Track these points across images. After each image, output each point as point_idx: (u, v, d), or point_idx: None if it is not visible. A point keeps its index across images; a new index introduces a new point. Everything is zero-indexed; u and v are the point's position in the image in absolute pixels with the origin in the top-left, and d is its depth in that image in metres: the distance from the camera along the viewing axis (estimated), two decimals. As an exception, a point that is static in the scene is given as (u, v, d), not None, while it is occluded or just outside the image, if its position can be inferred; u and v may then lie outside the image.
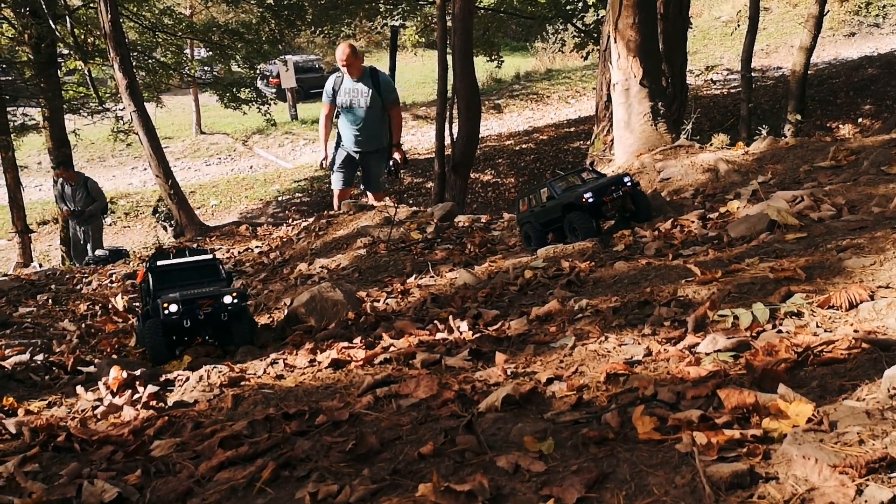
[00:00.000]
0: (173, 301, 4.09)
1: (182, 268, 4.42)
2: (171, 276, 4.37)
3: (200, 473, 2.42)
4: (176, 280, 4.35)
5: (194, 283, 4.35)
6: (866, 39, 27.61)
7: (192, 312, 4.13)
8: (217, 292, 4.20)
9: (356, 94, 8.28)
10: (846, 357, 2.37)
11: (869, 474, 1.65)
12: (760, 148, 6.86)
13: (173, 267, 4.41)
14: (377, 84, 8.36)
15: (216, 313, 4.15)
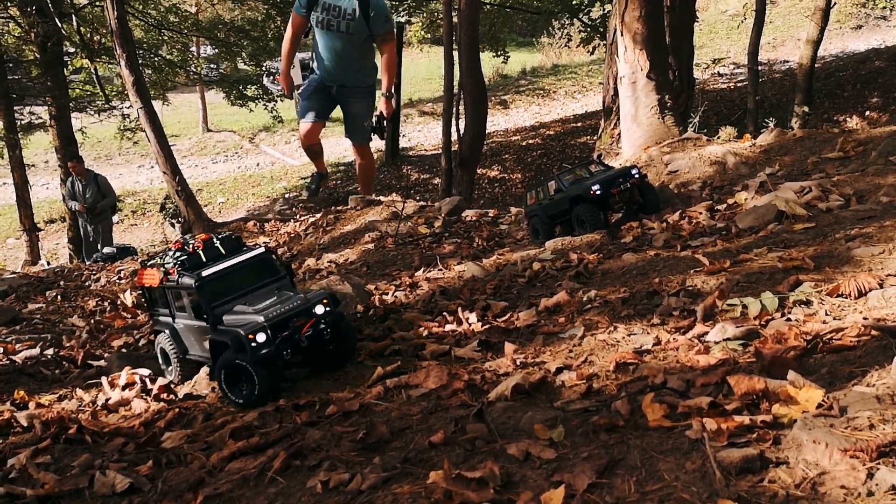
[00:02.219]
0: (259, 329, 3.08)
1: (234, 271, 3.38)
2: (222, 285, 3.32)
3: (212, 464, 2.44)
4: (226, 288, 3.32)
5: (251, 288, 3.37)
6: (873, 32, 27.46)
7: (292, 339, 3.14)
8: (306, 303, 3.23)
9: (337, 13, 6.53)
10: (855, 344, 2.37)
11: (880, 458, 1.65)
12: (768, 140, 6.83)
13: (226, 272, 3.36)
14: (366, 6, 6.52)
15: (320, 333, 3.21)
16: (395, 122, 21.70)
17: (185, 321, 3.47)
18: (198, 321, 3.34)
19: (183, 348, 3.56)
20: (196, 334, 3.41)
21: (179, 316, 3.51)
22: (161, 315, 3.69)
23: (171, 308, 3.54)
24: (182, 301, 3.45)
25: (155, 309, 3.74)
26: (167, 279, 3.44)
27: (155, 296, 3.68)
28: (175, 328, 3.56)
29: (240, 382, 3.10)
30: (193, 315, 3.37)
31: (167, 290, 3.50)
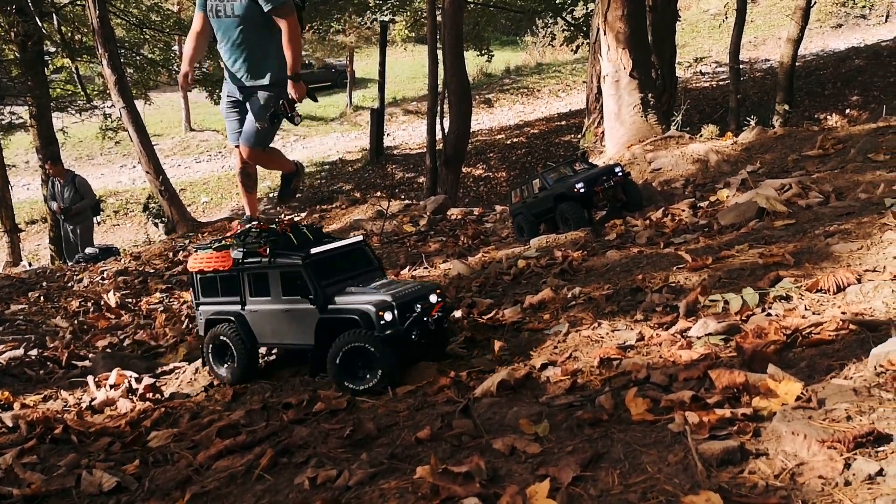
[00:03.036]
0: (387, 307, 2.96)
1: (334, 255, 3.27)
2: (325, 267, 3.18)
3: (199, 462, 2.45)
4: (328, 270, 3.18)
5: (349, 274, 3.25)
6: (853, 31, 27.73)
7: (422, 321, 3.04)
8: (423, 289, 3.14)
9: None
10: (834, 338, 2.41)
11: (856, 448, 1.68)
12: (749, 138, 6.91)
13: (329, 255, 3.23)
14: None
15: (439, 319, 3.12)
16: (380, 121, 21.70)
17: (268, 305, 3.20)
18: (290, 304, 3.12)
19: (253, 338, 3.27)
20: (284, 319, 3.16)
21: (256, 301, 3.24)
22: (220, 304, 3.36)
23: (243, 293, 3.27)
24: (266, 283, 3.20)
25: (207, 298, 3.42)
26: (245, 261, 3.22)
27: (210, 283, 3.39)
28: (244, 316, 3.27)
29: (357, 368, 2.93)
30: (284, 297, 3.14)
31: (242, 274, 3.26)
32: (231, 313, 3.33)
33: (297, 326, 3.12)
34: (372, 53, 30.88)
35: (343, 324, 2.97)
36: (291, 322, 3.14)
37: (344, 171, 21.67)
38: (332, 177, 21.10)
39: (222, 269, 3.32)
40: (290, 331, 3.16)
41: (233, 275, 3.30)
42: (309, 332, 3.07)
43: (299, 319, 3.10)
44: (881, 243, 3.27)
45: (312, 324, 3.06)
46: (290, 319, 3.13)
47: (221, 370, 3.36)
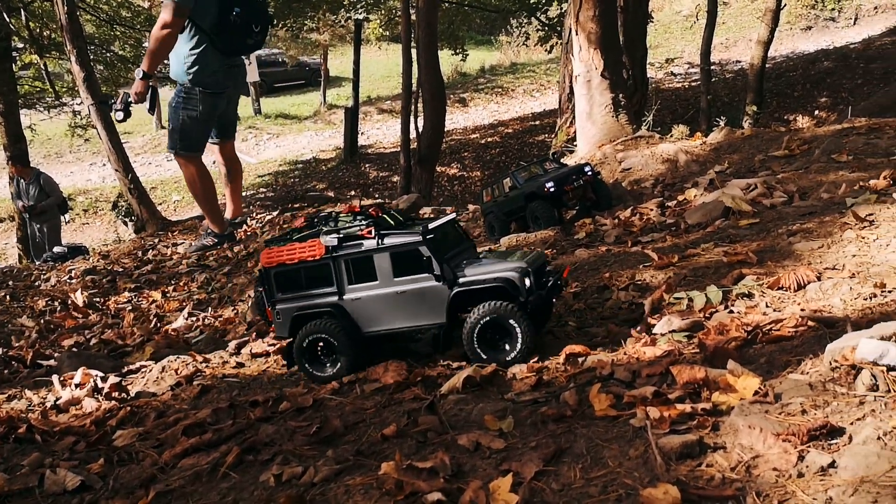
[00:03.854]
0: (526, 274, 2.89)
1: (444, 230, 3.14)
2: (438, 243, 3.01)
3: (164, 461, 2.44)
4: (438, 247, 3.01)
5: (453, 251, 3.09)
6: (822, 33, 28.15)
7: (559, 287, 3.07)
8: (539, 256, 3.10)
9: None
10: (793, 334, 2.46)
11: (810, 441, 1.72)
12: (718, 139, 6.99)
13: (440, 231, 3.10)
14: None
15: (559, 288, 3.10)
16: (354, 120, 21.65)
17: (375, 291, 3.00)
18: (406, 285, 2.95)
19: (357, 328, 3.05)
20: (400, 301, 2.98)
21: (359, 288, 3.02)
22: (306, 298, 3.09)
23: (340, 282, 3.04)
24: (371, 267, 2.99)
25: (287, 295, 3.13)
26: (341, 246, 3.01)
27: (291, 277, 3.11)
28: (343, 306, 3.04)
29: (495, 340, 2.84)
30: (396, 278, 2.96)
31: (336, 261, 3.02)
32: (326, 306, 3.06)
33: (419, 306, 2.96)
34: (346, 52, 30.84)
35: (480, 296, 2.88)
36: (410, 303, 2.97)
37: (318, 169, 21.60)
38: (305, 175, 21.02)
39: (311, 260, 3.05)
40: (408, 312, 2.98)
41: (324, 264, 3.04)
42: (436, 310, 2.93)
43: (421, 299, 2.95)
44: (841, 242, 3.34)
45: (440, 301, 2.92)
46: (409, 301, 2.96)
47: (322, 370, 3.08)
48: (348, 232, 3.02)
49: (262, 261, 3.15)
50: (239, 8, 6.14)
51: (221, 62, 6.39)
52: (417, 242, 2.92)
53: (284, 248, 3.09)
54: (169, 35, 6.10)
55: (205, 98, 6.41)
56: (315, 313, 3.07)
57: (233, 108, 7.08)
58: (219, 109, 6.63)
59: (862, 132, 6.03)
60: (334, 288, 3.04)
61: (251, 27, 6.24)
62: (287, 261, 3.08)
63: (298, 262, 3.07)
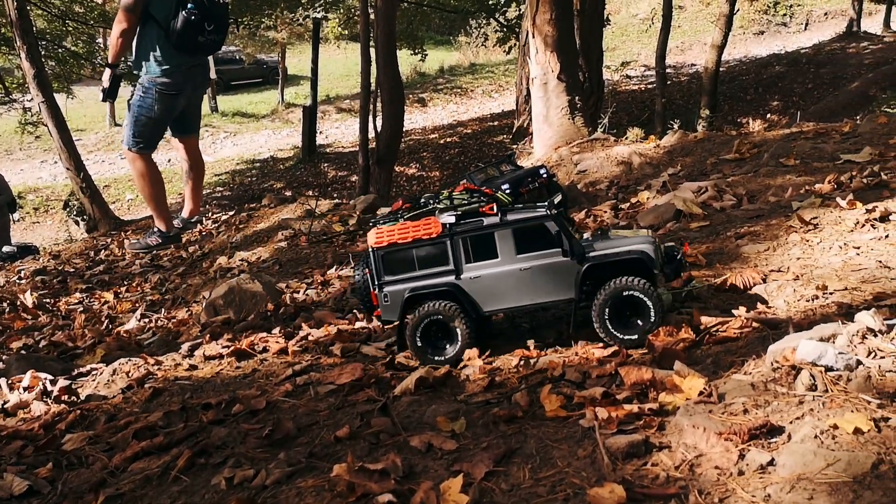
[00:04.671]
0: (655, 247, 2.88)
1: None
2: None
3: (114, 465, 2.41)
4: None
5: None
6: (774, 38, 28.80)
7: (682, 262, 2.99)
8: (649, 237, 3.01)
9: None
10: (738, 336, 2.53)
11: (751, 440, 1.78)
12: (671, 141, 7.12)
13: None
14: None
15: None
16: (312, 119, 21.53)
17: (497, 268, 2.92)
18: (530, 261, 2.88)
19: (476, 307, 2.97)
20: (524, 278, 2.90)
21: (478, 266, 2.94)
22: (418, 279, 2.99)
23: (457, 261, 2.95)
24: (491, 245, 2.92)
25: (395, 276, 3.02)
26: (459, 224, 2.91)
27: (401, 257, 3.01)
28: (461, 286, 2.95)
29: (623, 316, 2.79)
30: (519, 255, 2.89)
31: (453, 240, 2.93)
32: (443, 285, 2.96)
33: (545, 283, 2.88)
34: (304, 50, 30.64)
35: (611, 270, 2.82)
36: (536, 280, 2.89)
37: (275, 168, 21.44)
38: (263, 175, 20.84)
39: (426, 239, 2.95)
40: (533, 289, 2.90)
41: (439, 243, 2.94)
42: (563, 285, 2.86)
43: (548, 275, 2.88)
44: (786, 244, 3.44)
45: (567, 277, 2.85)
46: (534, 277, 2.88)
47: (438, 352, 2.97)
48: (466, 209, 2.95)
49: (370, 241, 3.03)
50: (193, 4, 6.08)
51: (179, 60, 6.32)
52: (544, 218, 2.86)
53: (395, 227, 2.99)
54: (124, 30, 6.08)
55: (161, 97, 6.34)
56: (430, 294, 2.98)
57: (196, 104, 7.00)
58: (176, 109, 6.56)
59: (809, 136, 6.20)
60: (450, 267, 2.95)
61: (204, 25, 6.17)
62: (400, 240, 2.98)
63: (412, 241, 2.96)
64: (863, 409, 1.81)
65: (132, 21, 6.07)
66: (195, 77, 6.57)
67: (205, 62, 6.72)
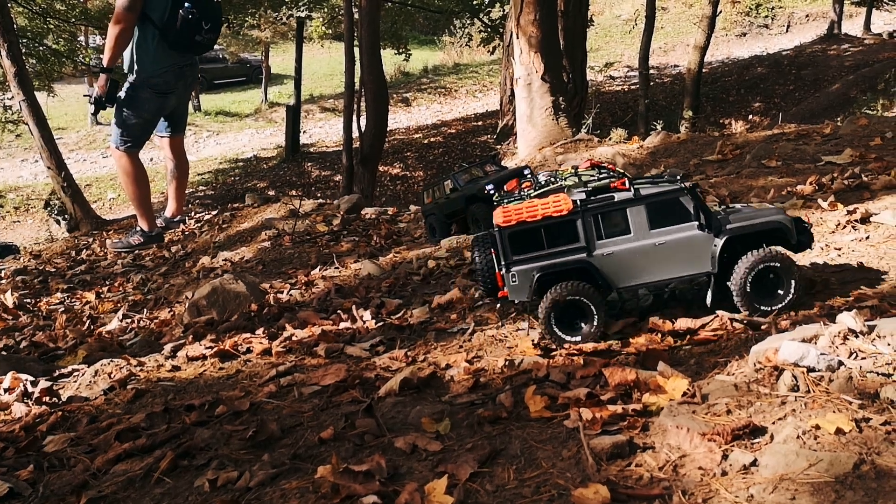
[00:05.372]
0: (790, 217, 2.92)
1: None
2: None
3: (96, 466, 2.39)
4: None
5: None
6: (756, 39, 29.00)
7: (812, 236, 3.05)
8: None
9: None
10: (721, 336, 2.54)
11: (734, 440, 1.79)
12: (654, 142, 7.15)
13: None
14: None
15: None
16: (296, 118, 21.46)
17: (630, 244, 2.88)
18: (665, 235, 2.86)
19: (609, 284, 2.93)
20: (659, 253, 2.87)
21: (610, 242, 2.90)
22: (546, 258, 2.93)
23: (589, 238, 2.90)
24: (623, 220, 2.89)
25: (523, 256, 2.95)
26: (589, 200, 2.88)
27: (529, 236, 2.95)
28: (593, 263, 2.91)
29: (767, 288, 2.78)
30: (652, 229, 2.87)
31: (584, 216, 2.89)
32: (575, 263, 2.91)
33: (681, 257, 2.86)
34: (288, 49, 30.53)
35: (749, 242, 2.82)
36: (671, 254, 2.86)
37: (259, 168, 21.34)
38: (246, 174, 20.74)
39: (556, 216, 2.89)
40: (669, 264, 2.88)
41: (569, 220, 2.89)
42: (701, 259, 2.84)
43: (684, 249, 2.85)
44: (769, 245, 3.45)
45: (705, 250, 2.83)
46: (669, 252, 2.86)
47: (572, 332, 2.89)
48: (596, 185, 2.91)
49: (497, 220, 2.95)
50: (190, 4, 6.05)
51: (172, 60, 6.28)
52: (678, 192, 2.85)
53: (523, 205, 2.93)
54: (122, 30, 6.02)
55: (152, 96, 6.30)
56: (562, 272, 2.92)
57: (183, 104, 6.96)
58: (166, 109, 6.52)
59: (791, 138, 6.25)
60: (581, 244, 2.91)
61: (201, 24, 6.15)
62: (528, 219, 2.91)
63: (542, 219, 2.90)
64: (844, 410, 1.82)
65: (132, 22, 6.03)
66: (186, 76, 6.54)
67: (195, 61, 6.68)
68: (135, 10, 5.98)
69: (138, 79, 6.25)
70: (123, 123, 6.42)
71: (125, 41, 6.13)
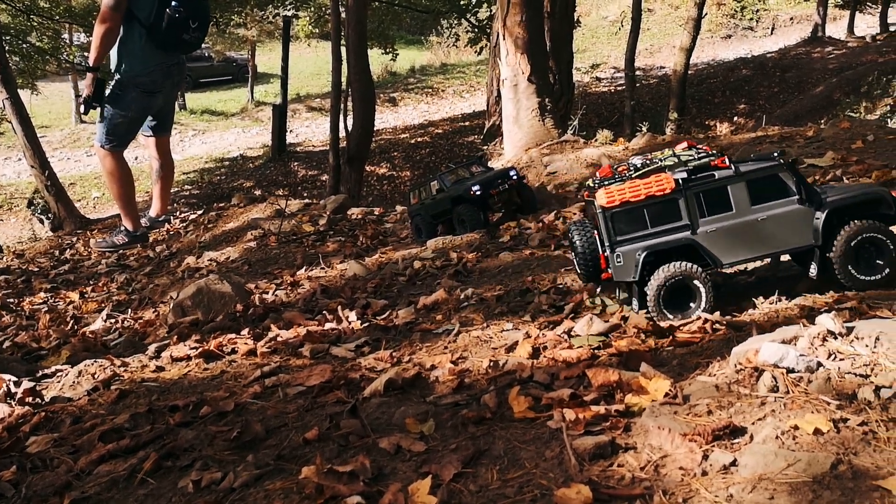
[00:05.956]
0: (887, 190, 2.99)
1: None
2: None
3: (79, 467, 2.39)
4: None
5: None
6: (741, 42, 29.18)
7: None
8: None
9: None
10: (703, 337, 2.57)
11: (714, 441, 1.81)
12: (640, 143, 7.19)
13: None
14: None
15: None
16: (282, 117, 21.40)
17: (732, 221, 2.95)
18: (766, 211, 2.93)
19: (715, 261, 2.99)
20: (762, 228, 2.95)
21: (713, 220, 2.97)
22: (650, 237, 3.01)
23: (692, 216, 2.98)
24: (725, 198, 2.96)
25: (627, 236, 3.03)
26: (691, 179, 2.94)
27: (632, 216, 3.02)
28: (698, 241, 2.97)
29: (869, 259, 2.85)
30: (754, 205, 2.94)
31: (686, 195, 2.96)
32: (680, 241, 2.99)
33: (783, 231, 2.93)
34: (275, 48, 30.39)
35: (849, 214, 2.87)
36: (773, 229, 2.93)
37: (245, 167, 21.25)
38: (232, 173, 20.65)
39: (659, 196, 2.95)
40: (771, 239, 2.95)
41: (671, 199, 2.96)
42: (801, 233, 2.91)
43: (785, 223, 2.92)
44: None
45: (806, 224, 2.90)
46: (771, 226, 2.93)
47: (679, 311, 2.95)
48: (697, 164, 2.97)
49: (600, 202, 3.01)
50: (177, 2, 6.00)
51: (160, 58, 6.24)
52: (778, 168, 2.91)
53: (625, 186, 2.98)
54: (108, 29, 5.94)
55: (139, 96, 6.25)
56: (667, 251, 2.98)
57: (171, 103, 6.91)
58: (153, 108, 6.47)
59: (774, 140, 6.30)
60: (685, 222, 2.98)
61: (189, 23, 6.10)
62: (632, 199, 2.97)
63: (645, 199, 2.96)
64: (822, 410, 1.85)
65: (117, 21, 5.97)
66: (174, 75, 6.49)
67: (182, 60, 6.62)
68: (120, 9, 5.93)
69: (125, 78, 6.19)
70: (109, 122, 6.36)
71: (111, 40, 6.07)
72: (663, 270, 2.93)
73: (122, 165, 6.62)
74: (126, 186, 6.70)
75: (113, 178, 6.61)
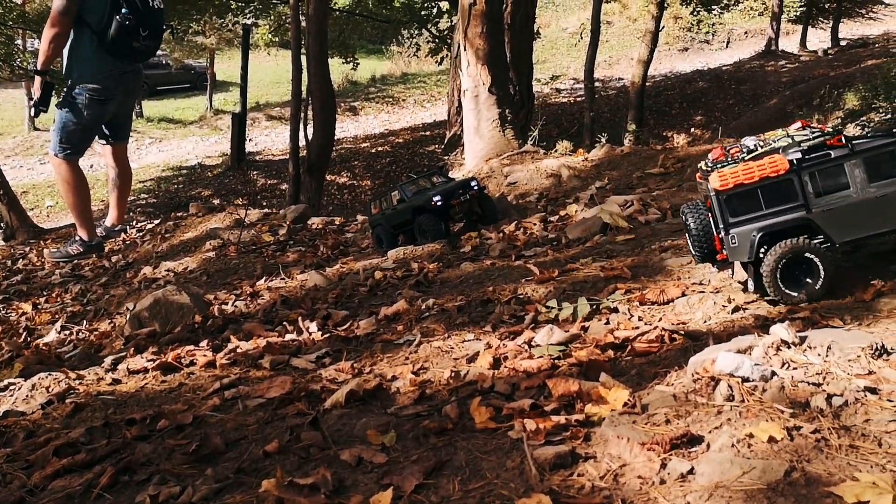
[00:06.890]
0: None
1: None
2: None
3: (33, 483, 2.34)
4: None
5: None
6: (698, 55, 29.73)
7: None
8: None
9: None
10: (661, 347, 2.61)
11: (672, 449, 1.84)
12: (599, 155, 7.28)
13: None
14: None
15: None
16: (242, 126, 21.20)
17: (850, 199, 2.96)
18: (886, 188, 2.93)
19: (831, 239, 2.99)
20: (880, 205, 2.95)
21: (829, 199, 2.97)
22: (765, 218, 3.00)
23: (806, 196, 2.98)
24: (842, 176, 2.96)
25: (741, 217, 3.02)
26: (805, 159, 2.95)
27: (746, 198, 3.01)
28: (814, 220, 2.98)
29: None
30: (872, 183, 2.94)
31: (800, 175, 2.97)
32: (796, 220, 2.99)
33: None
34: (234, 56, 30.12)
35: None
36: (892, 205, 2.93)
37: (203, 176, 21.00)
38: (190, 182, 20.40)
39: (773, 176, 2.96)
40: (891, 215, 2.95)
41: (786, 179, 2.96)
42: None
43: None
44: (708, 258, 3.55)
45: None
46: (890, 203, 2.92)
47: (797, 288, 2.97)
48: (812, 144, 2.97)
49: (714, 185, 3.01)
50: (127, 9, 5.92)
51: (112, 65, 6.14)
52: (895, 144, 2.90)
53: (738, 168, 2.99)
54: (56, 34, 5.84)
55: (92, 103, 6.14)
56: (783, 231, 2.99)
57: (127, 111, 6.80)
58: (106, 116, 6.36)
59: (729, 152, 6.42)
60: (800, 202, 2.98)
61: (139, 31, 6.02)
62: (745, 181, 2.97)
63: (759, 180, 2.97)
64: (777, 419, 1.89)
65: (66, 26, 5.87)
66: (128, 83, 6.39)
67: (138, 68, 6.52)
68: (70, 13, 5.84)
69: (76, 84, 6.09)
70: (62, 129, 6.24)
71: (60, 45, 5.97)
72: (780, 246, 2.95)
73: (78, 174, 6.50)
74: (81, 196, 6.58)
75: (68, 186, 6.48)
